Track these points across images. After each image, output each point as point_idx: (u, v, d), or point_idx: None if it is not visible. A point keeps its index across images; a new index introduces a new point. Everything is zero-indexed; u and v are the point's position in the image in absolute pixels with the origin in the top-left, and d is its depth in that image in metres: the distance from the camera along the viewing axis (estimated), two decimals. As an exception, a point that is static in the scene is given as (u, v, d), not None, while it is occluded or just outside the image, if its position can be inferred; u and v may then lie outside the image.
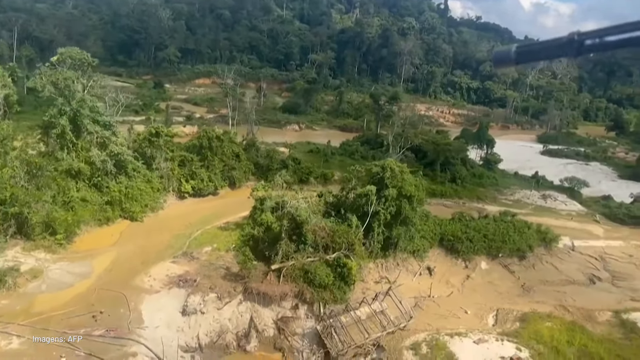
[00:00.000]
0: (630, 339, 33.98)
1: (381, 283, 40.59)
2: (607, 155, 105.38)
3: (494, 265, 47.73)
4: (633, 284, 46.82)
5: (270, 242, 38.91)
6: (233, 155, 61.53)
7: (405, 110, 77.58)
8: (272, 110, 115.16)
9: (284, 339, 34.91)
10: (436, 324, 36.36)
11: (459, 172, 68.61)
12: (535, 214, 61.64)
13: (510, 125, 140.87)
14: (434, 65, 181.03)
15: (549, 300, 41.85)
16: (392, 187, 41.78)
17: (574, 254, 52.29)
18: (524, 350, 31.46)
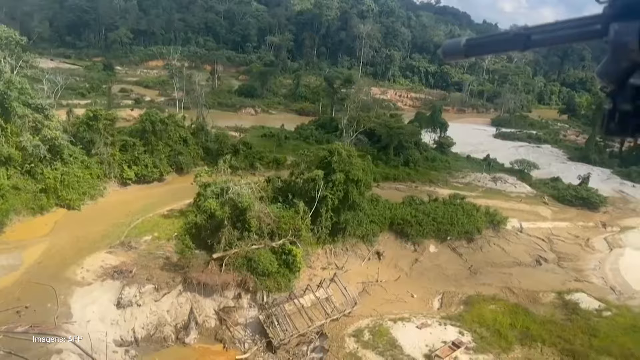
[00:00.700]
0: (571, 320, 34.41)
1: (328, 269, 39.83)
2: (558, 138, 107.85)
3: (442, 248, 47.74)
4: (577, 265, 47.76)
5: (213, 230, 37.48)
6: (180, 140, 59.29)
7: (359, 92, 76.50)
8: (227, 93, 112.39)
9: (225, 329, 33.75)
10: (382, 309, 35.94)
11: (412, 156, 68.46)
12: (485, 197, 62.17)
13: (466, 109, 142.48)
14: (393, 48, 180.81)
15: (495, 282, 42.12)
16: (340, 172, 40.88)
17: (522, 235, 52.98)
18: (466, 334, 31.37)
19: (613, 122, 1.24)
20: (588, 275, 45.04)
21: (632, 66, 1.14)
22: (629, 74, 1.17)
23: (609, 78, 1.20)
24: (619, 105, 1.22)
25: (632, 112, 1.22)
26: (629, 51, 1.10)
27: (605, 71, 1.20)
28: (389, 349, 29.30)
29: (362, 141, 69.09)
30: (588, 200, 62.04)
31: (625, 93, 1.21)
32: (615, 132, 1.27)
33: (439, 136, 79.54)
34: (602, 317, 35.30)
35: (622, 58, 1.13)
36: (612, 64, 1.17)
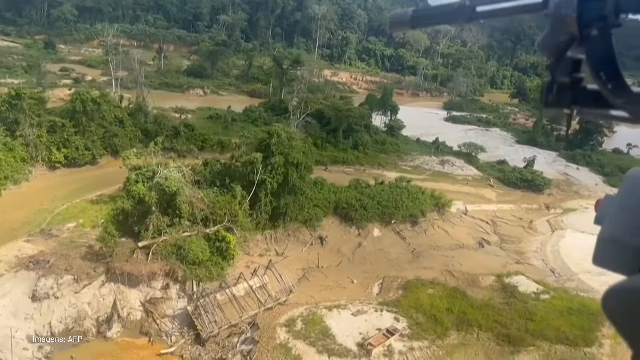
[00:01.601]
0: (509, 304, 34.16)
1: (266, 256, 38.25)
2: (507, 122, 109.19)
3: (386, 232, 46.94)
4: (519, 247, 47.96)
5: (141, 217, 35.19)
6: (116, 121, 56.09)
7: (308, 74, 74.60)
8: (175, 73, 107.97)
9: (152, 322, 31.82)
10: (320, 296, 34.74)
11: (361, 139, 67.33)
12: (432, 179, 61.85)
13: (421, 93, 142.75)
14: (349, 31, 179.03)
15: (437, 265, 41.63)
16: (279, 155, 39.16)
17: (466, 218, 52.87)
18: (402, 320, 30.54)
19: (551, 94, 1.26)
20: (529, 258, 45.24)
21: (570, 39, 1.16)
22: (567, 47, 1.19)
23: (548, 51, 1.22)
24: (557, 77, 1.25)
25: (569, 85, 1.25)
26: (567, 24, 1.13)
27: (544, 44, 1.22)
28: (321, 338, 28.11)
29: (311, 124, 67.44)
30: (532, 182, 62.68)
31: (563, 66, 1.23)
32: (553, 104, 1.26)
33: (389, 119, 78.72)
34: (540, 300, 35.24)
35: (561, 31, 1.16)
36: (551, 36, 1.20)
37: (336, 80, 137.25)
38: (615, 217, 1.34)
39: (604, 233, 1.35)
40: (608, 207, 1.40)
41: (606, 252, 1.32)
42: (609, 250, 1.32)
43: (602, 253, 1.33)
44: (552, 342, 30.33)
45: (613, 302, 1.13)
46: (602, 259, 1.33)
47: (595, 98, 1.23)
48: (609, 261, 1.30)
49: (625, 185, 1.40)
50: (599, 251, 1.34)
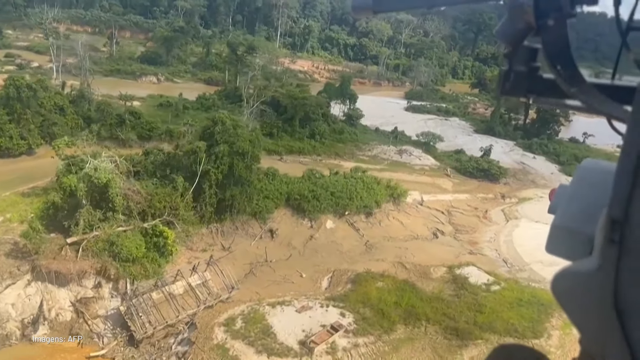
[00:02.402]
0: (458, 296, 33.43)
1: (209, 251, 36.37)
2: (467, 111, 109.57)
3: (340, 223, 45.70)
4: (473, 237, 47.53)
5: (71, 210, 32.73)
6: (56, 108, 52.85)
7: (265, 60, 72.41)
8: (128, 60, 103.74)
9: (82, 323, 29.65)
10: (266, 291, 33.22)
11: (318, 128, 65.78)
12: (390, 169, 60.97)
13: (383, 82, 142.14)
14: (312, 19, 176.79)
15: (390, 257, 40.61)
16: (224, 143, 37.20)
17: (422, 208, 52.18)
18: (348, 316, 29.34)
19: (508, 83, 1.28)
20: (482, 248, 44.82)
21: (527, 28, 1.17)
22: (524, 36, 1.20)
23: (506, 39, 1.24)
24: (514, 66, 1.27)
25: (525, 73, 1.27)
26: (524, 13, 1.14)
27: (502, 32, 1.23)
28: (262, 337, 26.60)
29: (267, 112, 65.48)
30: (489, 171, 62.54)
31: (520, 54, 1.25)
32: (510, 92, 1.30)
33: (348, 108, 77.39)
34: (490, 291, 34.66)
35: (518, 20, 1.17)
36: (509, 25, 1.20)
37: (298, 69, 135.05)
38: (567, 206, 1.37)
39: (556, 221, 1.38)
40: (561, 197, 1.43)
41: (559, 239, 1.35)
42: (561, 238, 1.35)
43: (555, 241, 1.36)
44: (500, 334, 29.70)
45: (561, 286, 1.15)
46: (555, 247, 1.36)
47: (551, 87, 1.23)
48: (561, 249, 1.34)
49: (577, 175, 1.44)
50: (551, 239, 1.37)
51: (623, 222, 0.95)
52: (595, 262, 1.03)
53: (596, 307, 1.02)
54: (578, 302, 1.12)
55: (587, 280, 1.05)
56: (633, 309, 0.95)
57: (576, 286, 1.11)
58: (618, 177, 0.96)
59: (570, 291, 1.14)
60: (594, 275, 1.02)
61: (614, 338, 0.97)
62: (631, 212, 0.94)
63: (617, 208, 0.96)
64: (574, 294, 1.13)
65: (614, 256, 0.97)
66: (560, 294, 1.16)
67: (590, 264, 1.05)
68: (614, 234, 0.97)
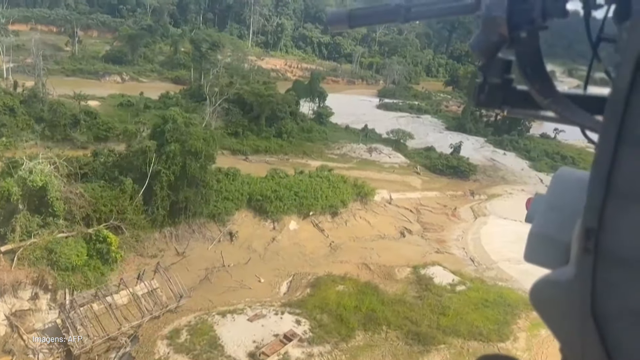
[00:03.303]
0: (422, 298, 32.05)
1: (159, 256, 34.29)
2: (439, 109, 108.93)
3: (304, 224, 44.00)
4: (441, 235, 46.33)
5: (8, 216, 30.36)
6: (5, 109, 50.09)
7: (231, 57, 70.23)
8: (91, 59, 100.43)
9: (17, 338, 27.34)
10: (220, 299, 31.35)
11: (285, 127, 64.00)
12: (359, 168, 59.57)
13: (356, 81, 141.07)
14: (284, 17, 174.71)
15: (354, 258, 39.13)
16: (175, 142, 35.17)
17: (390, 207, 50.83)
18: (303, 323, 27.64)
19: (483, 94, 1.30)
20: (450, 246, 43.64)
21: (500, 40, 1.19)
22: (498, 48, 1.21)
23: (481, 51, 1.24)
24: (489, 78, 1.28)
25: (500, 85, 1.28)
26: (497, 25, 1.16)
27: (476, 45, 1.24)
28: (207, 350, 24.74)
29: (233, 111, 63.43)
30: (458, 168, 61.57)
31: (494, 66, 1.27)
32: (485, 103, 1.31)
33: (317, 106, 75.73)
34: (455, 292, 33.37)
35: (492, 32, 1.18)
36: (483, 37, 1.22)
37: (270, 67, 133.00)
38: (544, 215, 1.36)
39: (533, 229, 1.36)
40: (538, 205, 1.42)
41: (536, 248, 1.34)
42: (539, 247, 1.34)
43: (533, 249, 1.35)
44: (464, 338, 28.42)
45: (539, 295, 1.16)
46: (533, 255, 1.34)
47: (525, 98, 1.24)
48: (539, 257, 1.32)
49: (553, 184, 1.43)
50: (529, 248, 1.35)
51: (597, 231, 0.95)
52: (572, 271, 1.03)
53: (574, 316, 1.01)
54: (556, 311, 1.11)
55: (565, 289, 1.05)
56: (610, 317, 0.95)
57: (554, 295, 1.10)
58: (591, 186, 0.96)
59: (549, 300, 1.13)
60: (571, 284, 1.02)
61: (593, 346, 0.96)
62: (605, 220, 0.94)
63: (591, 217, 0.96)
64: (552, 303, 1.12)
65: (589, 265, 0.97)
66: (539, 303, 1.15)
67: (567, 273, 1.05)
68: (588, 242, 0.97)
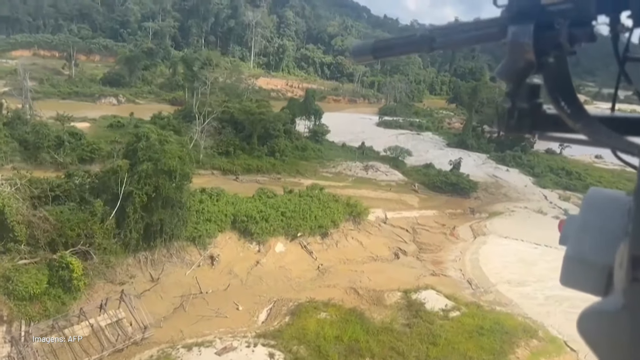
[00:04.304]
0: (411, 326, 29.45)
1: (130, 283, 32.09)
2: (441, 126, 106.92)
3: (292, 246, 41.70)
4: (438, 256, 43.77)
5: (-35, 242, 28.46)
6: (-14, 131, 48.82)
7: (224, 76, 68.93)
8: (88, 82, 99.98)
9: (-34, 376, 25.13)
10: (192, 329, 28.97)
11: (278, 145, 62.21)
12: (354, 186, 57.44)
13: (358, 99, 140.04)
14: (286, 38, 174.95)
15: (343, 282, 36.64)
16: (148, 161, 33.29)
17: (385, 226, 48.46)
18: (277, 356, 25.16)
19: (512, 120, 1.27)
20: (446, 268, 41.03)
21: (528, 66, 1.18)
22: (526, 74, 1.21)
23: (508, 78, 1.24)
24: (517, 103, 1.26)
25: (528, 110, 1.26)
26: (524, 52, 1.16)
27: (504, 71, 1.23)
28: (166, 389, 22.37)
29: (225, 130, 61.90)
30: (458, 185, 59.21)
31: (522, 92, 1.25)
32: (514, 129, 1.28)
33: (313, 124, 74.02)
34: (448, 318, 30.75)
35: (519, 59, 1.18)
36: (510, 64, 1.21)
37: (270, 87, 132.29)
38: (579, 237, 1.32)
39: (569, 253, 1.32)
40: (571, 227, 1.38)
41: (573, 272, 1.30)
42: (576, 270, 1.29)
43: (570, 273, 1.31)
44: (457, 370, 25.75)
45: (587, 326, 1.11)
46: (570, 279, 1.30)
47: (555, 122, 1.23)
48: (577, 281, 1.28)
49: (585, 205, 1.39)
50: (566, 271, 1.31)
51: None
52: (620, 301, 0.99)
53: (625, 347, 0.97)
54: (606, 343, 1.06)
55: (614, 320, 1.01)
56: None
57: (602, 326, 1.05)
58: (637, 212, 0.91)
59: (597, 331, 1.08)
60: (620, 315, 0.98)
61: None
62: None
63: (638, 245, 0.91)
64: (600, 334, 1.07)
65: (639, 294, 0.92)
66: (587, 334, 1.09)
67: (615, 303, 1.01)
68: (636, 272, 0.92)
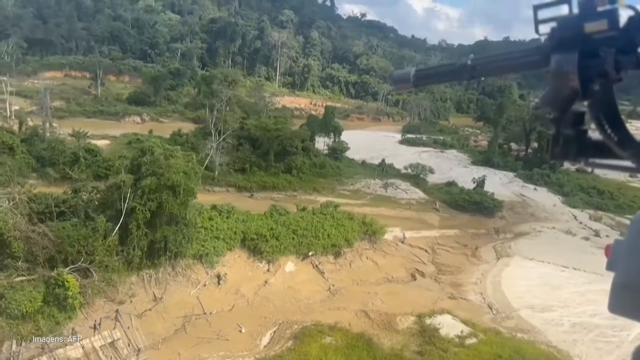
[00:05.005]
0: (423, 353, 27.37)
1: (129, 303, 30.99)
2: (467, 143, 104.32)
3: (303, 266, 40.11)
4: (457, 278, 41.44)
5: (-37, 258, 27.94)
6: (4, 148, 49.25)
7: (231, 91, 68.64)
8: (114, 101, 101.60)
9: (-46, 397, 24.26)
10: (191, 352, 27.63)
11: (295, 162, 61.08)
12: (371, 204, 55.66)
13: (382, 117, 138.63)
14: (312, 58, 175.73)
15: (354, 304, 34.78)
16: (151, 176, 32.46)
17: (403, 246, 46.43)
18: (275, 384, 23.52)
19: (557, 147, 1.28)
20: (466, 291, 38.69)
21: (573, 95, 1.17)
22: (571, 102, 1.21)
23: (553, 106, 1.24)
24: (563, 130, 1.26)
25: (574, 137, 1.26)
26: (569, 80, 1.15)
27: (548, 99, 1.23)
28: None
29: (243, 146, 61.29)
30: (482, 204, 56.69)
31: (567, 119, 1.25)
32: (560, 156, 1.28)
33: (332, 141, 72.80)
34: (464, 346, 28.52)
35: (564, 87, 1.17)
36: (555, 92, 1.21)
37: (294, 106, 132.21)
38: (628, 263, 1.28)
39: (618, 279, 1.29)
40: (619, 252, 1.34)
41: (622, 299, 1.27)
42: (625, 297, 1.26)
43: (619, 301, 1.27)
44: (471, 404, 23.52)
45: None
46: (620, 307, 1.27)
47: (602, 149, 1.21)
48: (627, 308, 1.25)
49: (634, 228, 1.35)
50: (615, 299, 1.28)
51: None
52: None
53: None
54: None
55: None
56: None
57: None
58: None
59: None
60: None
61: None
62: None
63: None
64: None
65: None
66: None
67: None
68: None
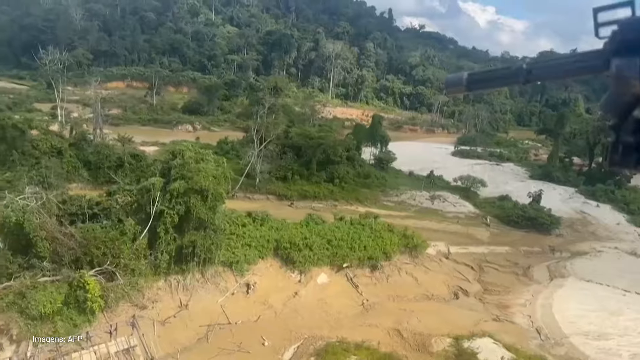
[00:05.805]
0: (455, 379, 24.81)
1: (152, 308, 30.22)
2: (526, 157, 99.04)
3: (336, 278, 38.27)
4: (504, 299, 38.21)
5: (-6, 256, 28.17)
6: (52, 151, 50.68)
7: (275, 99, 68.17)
8: (169, 110, 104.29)
9: (-28, 395, 24.15)
10: (208, 364, 26.38)
11: (338, 171, 59.49)
12: (416, 217, 53.08)
13: (436, 129, 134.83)
14: (366, 69, 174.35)
15: (387, 322, 32.52)
16: (180, 179, 31.82)
17: (447, 262, 43.61)
18: (288, 405, 21.77)
19: (616, 154, 1.23)
20: (513, 313, 35.45)
21: (634, 100, 1.14)
22: (632, 108, 1.17)
23: (612, 111, 1.20)
24: (622, 137, 1.22)
25: (634, 145, 1.22)
26: (630, 86, 1.11)
27: (608, 105, 1.20)
28: None
29: (287, 155, 60.49)
30: (537, 220, 52.78)
31: (628, 126, 1.21)
32: (618, 164, 1.25)
33: (379, 151, 70.69)
34: (504, 374, 25.66)
35: (625, 92, 1.13)
36: (615, 98, 1.16)
37: (345, 116, 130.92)
38: None
39: None
40: None
41: None
42: None
43: None
44: None
45: None
46: None
47: None
48: None
49: None
50: None
51: None
52: None
53: None
54: None
55: None
56: None
57: None
58: None
59: None
60: None
61: None
62: None
63: None
64: None
65: None
66: None
67: None
68: None
